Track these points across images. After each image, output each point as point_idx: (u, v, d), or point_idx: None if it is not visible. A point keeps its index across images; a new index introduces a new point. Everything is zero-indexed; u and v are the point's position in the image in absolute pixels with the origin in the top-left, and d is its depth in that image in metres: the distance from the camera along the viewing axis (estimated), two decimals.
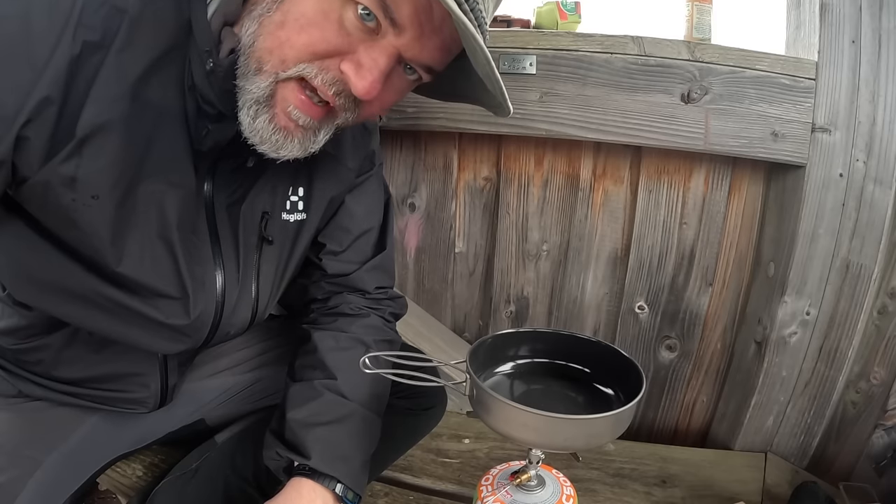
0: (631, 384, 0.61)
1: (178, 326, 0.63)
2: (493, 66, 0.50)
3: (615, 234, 1.12)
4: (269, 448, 0.67)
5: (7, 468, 0.63)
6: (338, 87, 0.53)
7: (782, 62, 0.93)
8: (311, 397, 0.68)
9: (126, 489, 0.80)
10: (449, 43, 0.53)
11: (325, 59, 0.52)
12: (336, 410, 0.68)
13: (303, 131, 0.55)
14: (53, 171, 0.50)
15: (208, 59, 0.52)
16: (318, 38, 0.50)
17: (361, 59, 0.51)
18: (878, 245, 0.95)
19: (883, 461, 0.97)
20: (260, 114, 0.53)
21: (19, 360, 0.70)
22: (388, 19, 0.50)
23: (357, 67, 0.51)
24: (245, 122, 0.53)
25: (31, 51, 0.46)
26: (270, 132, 0.54)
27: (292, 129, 0.55)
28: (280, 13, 0.51)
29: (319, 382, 0.69)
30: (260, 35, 0.51)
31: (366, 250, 0.80)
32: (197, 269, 0.62)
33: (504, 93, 0.54)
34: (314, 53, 0.51)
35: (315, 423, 0.66)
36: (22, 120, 0.47)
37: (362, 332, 0.75)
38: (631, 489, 0.96)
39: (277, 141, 0.54)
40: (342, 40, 0.51)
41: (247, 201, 0.64)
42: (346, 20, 0.50)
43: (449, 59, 0.56)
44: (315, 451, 0.64)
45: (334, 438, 0.66)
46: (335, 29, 0.50)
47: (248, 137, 0.54)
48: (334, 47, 0.51)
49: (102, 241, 0.55)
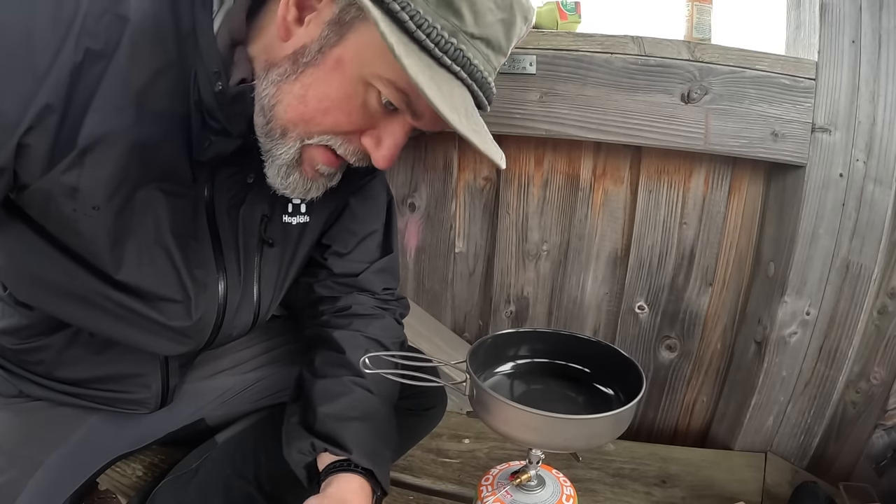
0: (631, 384, 0.61)
1: (181, 328, 0.63)
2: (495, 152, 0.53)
3: (615, 234, 1.12)
4: (302, 440, 0.65)
5: (7, 468, 0.62)
6: (358, 156, 0.58)
7: (782, 62, 0.93)
8: (343, 392, 0.68)
9: (126, 489, 0.80)
10: None
11: (348, 134, 0.56)
12: (367, 406, 0.68)
13: (326, 178, 0.61)
14: (55, 181, 0.50)
15: (217, 82, 0.52)
16: (344, 121, 0.54)
17: (382, 136, 0.56)
18: (878, 245, 0.95)
19: (883, 461, 0.97)
20: (291, 173, 0.58)
21: (20, 360, 0.70)
22: (410, 110, 0.53)
23: (377, 143, 0.56)
24: (276, 181, 0.58)
25: (32, 58, 0.46)
26: (301, 184, 0.59)
27: (317, 177, 0.60)
28: (300, 85, 0.53)
29: (349, 379, 0.69)
30: (280, 103, 0.54)
31: (372, 251, 0.80)
32: (198, 273, 0.62)
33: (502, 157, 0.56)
34: (338, 132, 0.55)
35: (349, 418, 0.66)
36: (23, 127, 0.47)
37: (380, 332, 0.76)
38: (631, 489, 0.96)
39: (307, 188, 0.60)
40: (365, 121, 0.55)
41: (245, 204, 0.64)
42: (370, 103, 0.53)
43: None
44: (354, 445, 0.63)
45: (367, 434, 0.66)
46: (359, 112, 0.54)
47: (277, 190, 0.59)
48: (358, 126, 0.55)
49: (101, 248, 0.55)
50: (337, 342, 0.73)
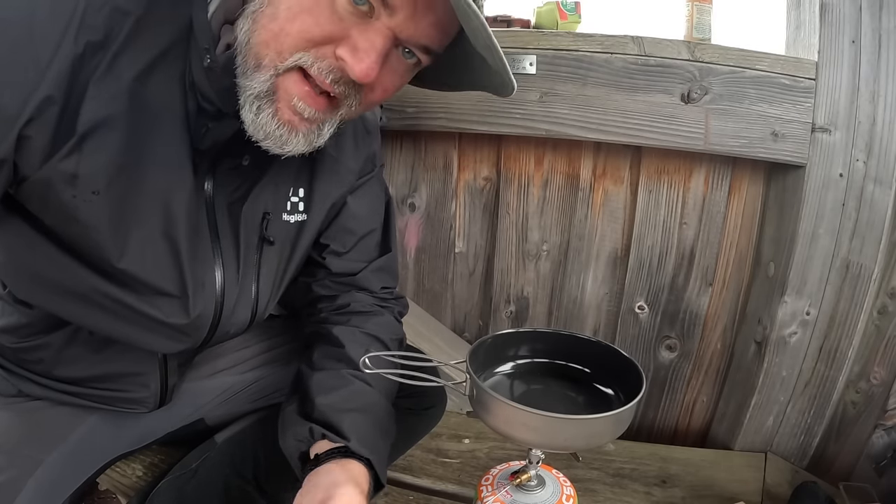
0: (631, 384, 0.61)
1: (178, 326, 0.63)
2: (491, 34, 0.49)
3: (615, 234, 1.12)
4: (299, 426, 0.64)
5: (7, 468, 0.62)
6: (335, 75, 0.52)
7: (782, 62, 0.93)
8: (341, 385, 0.68)
9: (126, 489, 0.80)
10: (444, 20, 0.52)
11: (320, 46, 0.51)
12: (365, 399, 0.68)
13: (307, 124, 0.54)
14: (54, 169, 0.50)
15: (206, 56, 0.52)
16: (311, 24, 0.50)
17: (357, 43, 0.50)
18: (878, 245, 0.95)
19: (883, 461, 0.97)
20: (263, 109, 0.52)
21: (20, 359, 0.70)
22: (380, 1, 0.49)
23: (353, 51, 0.50)
24: (248, 118, 0.53)
25: (34, 51, 0.46)
26: (274, 127, 0.53)
27: (296, 122, 0.54)
28: (271, 7, 0.50)
29: (347, 372, 0.69)
30: (255, 31, 0.51)
31: (371, 250, 0.80)
32: (197, 268, 0.62)
33: (506, 65, 0.53)
34: (309, 40, 0.50)
35: (347, 409, 0.65)
36: (24, 119, 0.47)
37: (378, 329, 0.76)
38: (631, 489, 0.96)
39: (282, 136, 0.54)
40: (335, 26, 0.50)
41: (248, 201, 0.64)
42: (338, 5, 0.50)
43: (446, 38, 0.55)
44: (352, 433, 0.63)
45: (365, 425, 0.65)
46: (327, 14, 0.50)
47: (252, 134, 0.53)
48: (328, 33, 0.50)
49: (103, 235, 0.55)
50: (336, 337, 0.72)
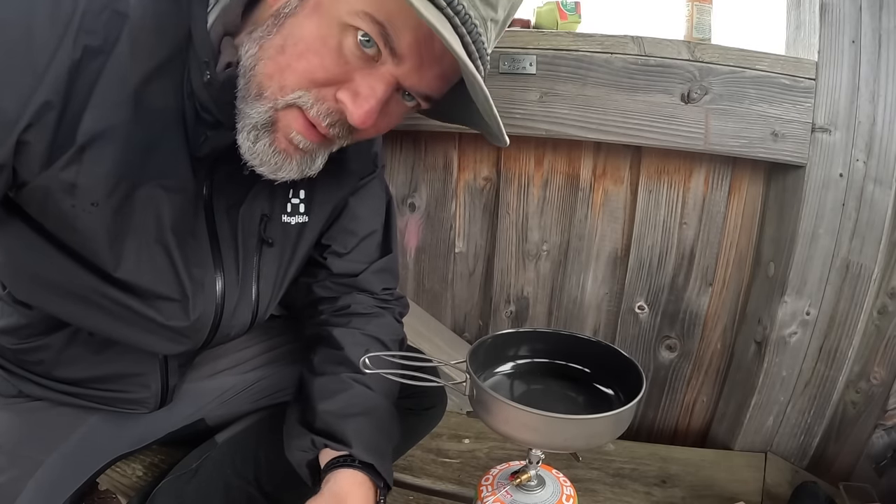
0: (631, 384, 0.61)
1: (178, 328, 0.63)
2: (491, 102, 0.50)
3: (615, 234, 1.12)
4: (301, 437, 0.65)
5: (7, 468, 0.62)
6: (332, 119, 0.53)
7: (782, 62, 0.93)
8: (341, 389, 0.68)
9: (126, 489, 0.80)
10: (448, 73, 0.53)
11: (322, 87, 0.51)
12: (366, 402, 0.68)
13: (301, 154, 0.55)
14: (54, 177, 0.50)
15: (205, 71, 0.52)
16: (317, 66, 0.50)
17: (359, 88, 0.51)
18: (878, 245, 0.95)
19: (883, 461, 0.97)
20: (260, 138, 0.53)
21: (20, 359, 0.70)
22: (389, 48, 0.50)
23: (354, 96, 0.51)
24: (245, 145, 0.54)
25: (31, 56, 0.46)
26: (270, 154, 0.54)
27: (291, 151, 0.55)
28: (280, 37, 0.51)
29: (347, 376, 0.69)
30: (261, 59, 0.52)
31: (372, 251, 0.80)
32: (196, 272, 0.62)
33: (501, 127, 0.54)
34: (312, 81, 0.51)
35: (349, 414, 0.66)
36: (23, 124, 0.47)
37: (379, 330, 0.76)
38: (631, 489, 0.96)
39: (276, 163, 0.55)
40: (340, 69, 0.51)
41: (245, 203, 0.64)
42: (346, 47, 0.50)
43: (448, 87, 0.56)
44: (355, 440, 0.63)
45: (368, 429, 0.66)
46: (334, 56, 0.50)
47: (248, 160, 0.54)
48: (333, 76, 0.51)
49: (100, 245, 0.55)
50: (336, 339, 0.73)
